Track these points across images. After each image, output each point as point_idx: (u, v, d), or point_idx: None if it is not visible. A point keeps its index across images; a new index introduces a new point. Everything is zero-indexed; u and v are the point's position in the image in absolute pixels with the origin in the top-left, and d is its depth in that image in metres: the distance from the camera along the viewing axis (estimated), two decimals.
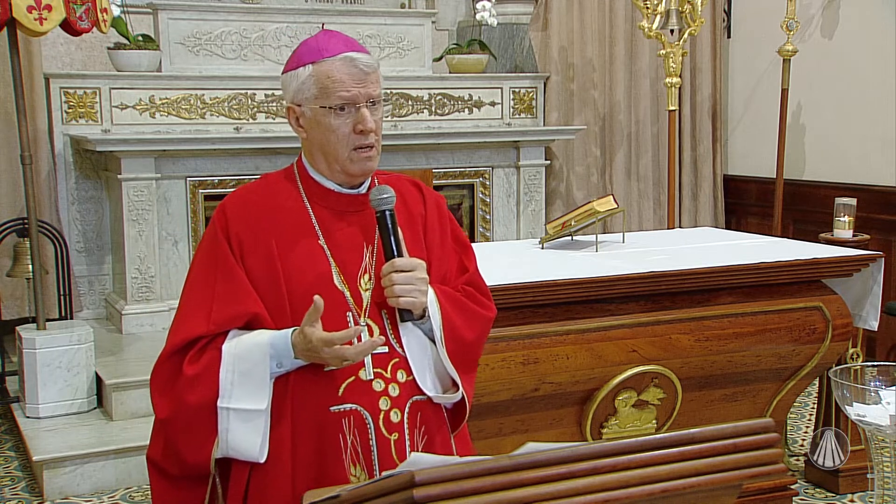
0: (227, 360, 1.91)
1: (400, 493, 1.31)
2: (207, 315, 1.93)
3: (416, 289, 1.96)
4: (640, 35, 6.13)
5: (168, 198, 5.14)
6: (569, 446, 1.36)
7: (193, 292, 1.99)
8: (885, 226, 5.12)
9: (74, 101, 5.17)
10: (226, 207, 2.02)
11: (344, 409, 1.95)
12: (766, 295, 3.29)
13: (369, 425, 1.95)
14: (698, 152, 6.42)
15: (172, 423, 1.96)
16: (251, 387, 1.90)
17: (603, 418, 3.13)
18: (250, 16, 5.58)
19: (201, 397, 1.91)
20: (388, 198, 1.99)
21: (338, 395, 1.95)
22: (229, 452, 1.94)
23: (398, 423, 1.98)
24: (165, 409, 1.96)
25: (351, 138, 1.98)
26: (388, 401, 1.97)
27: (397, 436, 1.97)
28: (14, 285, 5.14)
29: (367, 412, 1.95)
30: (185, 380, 1.92)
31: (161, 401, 1.98)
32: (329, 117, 1.97)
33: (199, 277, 2.00)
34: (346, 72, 1.97)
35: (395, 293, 1.95)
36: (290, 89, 2.03)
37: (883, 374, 2.56)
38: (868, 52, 5.35)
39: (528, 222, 6.03)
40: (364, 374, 1.96)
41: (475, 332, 2.12)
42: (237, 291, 1.95)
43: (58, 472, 3.90)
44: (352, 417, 1.94)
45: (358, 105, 1.97)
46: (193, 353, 1.93)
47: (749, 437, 1.47)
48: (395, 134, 5.61)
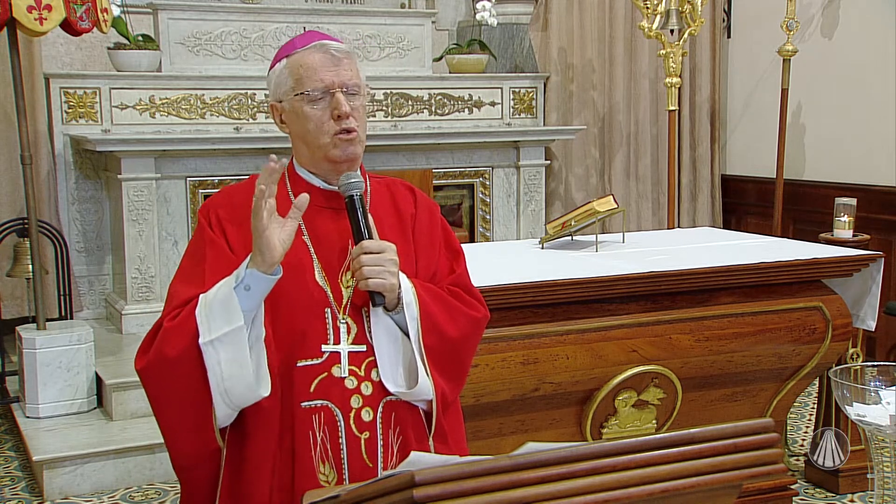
0: (199, 304, 1.89)
1: (400, 493, 1.31)
2: (200, 286, 1.92)
3: (385, 270, 1.94)
4: (639, 36, 6.13)
5: (168, 198, 5.14)
6: (569, 446, 1.36)
7: (182, 276, 2.01)
8: (885, 226, 5.12)
9: (74, 101, 5.18)
10: (209, 200, 2.08)
11: (314, 405, 1.93)
12: (766, 295, 3.29)
13: (339, 423, 1.94)
14: (697, 152, 6.42)
15: (148, 371, 1.91)
16: (222, 311, 1.85)
17: (603, 418, 3.13)
18: (250, 16, 5.58)
19: (182, 345, 1.86)
20: (356, 182, 1.99)
21: (309, 392, 1.94)
22: (226, 386, 1.85)
23: (370, 422, 1.95)
24: (142, 360, 1.93)
25: (329, 125, 1.98)
26: (359, 399, 1.95)
27: (368, 435, 1.95)
28: (14, 285, 5.15)
29: (338, 409, 1.94)
30: (164, 332, 1.90)
31: (140, 357, 1.94)
32: (305, 105, 1.98)
33: (187, 264, 2.02)
34: (319, 59, 1.99)
35: (363, 275, 1.93)
36: (270, 88, 2.07)
37: (883, 374, 2.56)
38: (868, 52, 5.35)
39: (528, 222, 6.03)
40: (337, 371, 1.95)
41: (459, 331, 2.06)
42: (228, 265, 1.93)
43: (58, 472, 3.91)
44: (322, 414, 1.93)
45: (332, 91, 1.98)
46: (174, 313, 1.92)
47: (749, 437, 1.47)
48: (395, 134, 5.61)
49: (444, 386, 2.03)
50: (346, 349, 1.97)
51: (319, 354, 1.95)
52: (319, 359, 1.95)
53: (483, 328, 2.17)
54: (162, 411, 1.95)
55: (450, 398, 2.07)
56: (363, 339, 1.98)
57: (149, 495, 3.92)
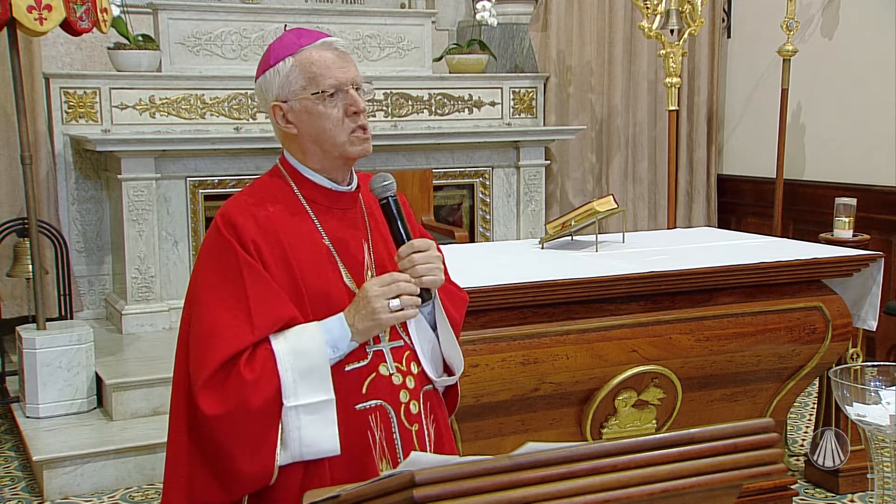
0: (283, 358, 1.86)
1: (400, 493, 1.31)
2: (249, 322, 1.85)
3: (436, 266, 1.99)
4: (639, 37, 6.13)
5: (168, 198, 5.14)
6: (569, 446, 1.36)
7: (222, 304, 1.87)
8: (885, 226, 5.12)
9: (74, 101, 5.17)
10: (231, 217, 1.93)
11: (369, 405, 1.96)
12: (766, 295, 3.29)
13: (392, 419, 1.97)
14: (694, 153, 6.42)
15: (229, 419, 1.83)
16: (315, 379, 1.88)
17: (603, 418, 3.13)
18: (250, 16, 5.58)
19: (265, 398, 1.83)
20: (390, 184, 2.00)
21: (362, 393, 1.95)
22: (303, 451, 1.87)
23: (417, 413, 2.01)
24: (220, 404, 1.82)
25: (345, 122, 1.97)
26: (406, 393, 2.01)
27: (417, 426, 2.01)
28: (14, 285, 5.14)
29: (391, 406, 1.98)
30: (246, 383, 1.82)
31: (213, 399, 1.82)
32: (320, 105, 1.96)
33: (223, 289, 1.89)
34: (329, 56, 1.97)
35: (418, 273, 1.95)
36: (272, 88, 1.99)
37: (883, 374, 2.56)
38: (868, 52, 5.35)
39: (528, 222, 6.03)
40: (384, 370, 1.99)
41: (459, 312, 2.18)
42: (272, 295, 1.89)
43: (58, 472, 3.91)
44: (377, 413, 1.96)
45: (345, 88, 1.96)
46: (246, 359, 1.84)
47: (749, 437, 1.47)
48: (395, 134, 5.61)
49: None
50: (387, 346, 2.01)
51: (365, 356, 1.97)
52: (365, 360, 1.97)
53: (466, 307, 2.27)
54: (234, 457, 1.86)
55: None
56: (397, 335, 2.02)
57: (149, 495, 3.92)
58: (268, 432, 1.85)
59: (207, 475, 1.89)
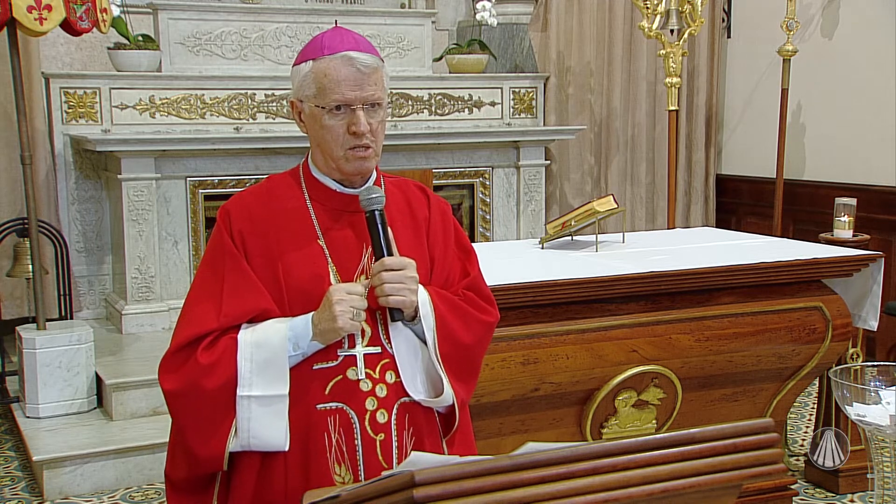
0: (243, 348, 1.90)
1: (400, 493, 1.31)
2: (218, 309, 1.93)
3: (406, 287, 1.95)
4: (638, 37, 6.13)
5: (168, 198, 5.14)
6: (569, 446, 1.36)
7: (201, 289, 1.98)
8: (885, 226, 5.12)
9: (74, 101, 5.17)
10: (229, 208, 2.03)
11: (330, 407, 1.95)
12: (766, 295, 3.29)
13: (355, 425, 1.95)
14: (693, 153, 6.42)
15: (182, 398, 1.91)
16: (271, 373, 1.90)
17: (603, 418, 3.13)
18: (250, 16, 5.58)
19: (218, 383, 1.89)
20: (378, 197, 1.98)
21: (325, 394, 1.95)
22: (251, 442, 1.91)
23: (385, 423, 1.97)
24: (175, 382, 1.91)
25: (345, 138, 1.97)
26: (374, 401, 1.97)
27: (383, 437, 1.96)
28: (14, 285, 5.14)
29: (353, 412, 1.95)
30: (201, 367, 1.89)
31: (170, 377, 1.92)
32: (324, 117, 1.97)
33: (206, 275, 1.99)
34: (344, 72, 1.94)
35: (384, 292, 1.94)
36: (294, 84, 2.04)
37: (883, 374, 2.56)
38: (868, 52, 5.35)
39: (528, 222, 6.03)
40: (353, 374, 1.96)
41: (473, 337, 2.08)
42: (247, 286, 1.95)
43: (58, 472, 3.91)
44: (337, 416, 1.94)
45: (353, 107, 1.95)
46: (206, 344, 1.91)
47: (749, 437, 1.47)
48: (395, 134, 5.61)
49: (460, 389, 2.05)
50: (361, 352, 1.98)
51: (335, 357, 1.96)
52: (335, 361, 1.96)
53: (493, 330, 2.19)
54: (188, 440, 1.96)
55: (466, 399, 2.10)
56: (377, 342, 1.99)
57: (149, 495, 3.92)
58: (223, 418, 1.90)
59: (179, 448, 2.00)
